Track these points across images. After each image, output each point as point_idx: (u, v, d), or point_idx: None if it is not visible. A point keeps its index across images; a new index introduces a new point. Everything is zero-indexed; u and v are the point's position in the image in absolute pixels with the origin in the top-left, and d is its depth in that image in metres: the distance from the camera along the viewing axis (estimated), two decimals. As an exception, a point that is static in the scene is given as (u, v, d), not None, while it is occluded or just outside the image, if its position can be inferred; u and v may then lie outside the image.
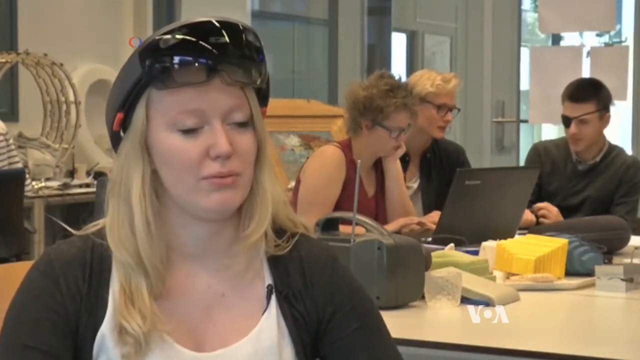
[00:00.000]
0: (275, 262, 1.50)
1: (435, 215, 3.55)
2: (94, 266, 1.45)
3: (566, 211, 4.06)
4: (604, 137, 4.21)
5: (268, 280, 1.49)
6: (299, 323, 1.49)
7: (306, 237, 1.55)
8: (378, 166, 3.77)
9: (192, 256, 1.48)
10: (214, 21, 1.42)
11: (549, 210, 3.93)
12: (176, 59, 1.39)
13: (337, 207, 3.57)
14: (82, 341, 1.43)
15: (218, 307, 1.47)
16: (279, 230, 1.51)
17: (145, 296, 1.42)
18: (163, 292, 1.44)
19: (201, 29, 1.41)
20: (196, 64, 1.39)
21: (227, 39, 1.41)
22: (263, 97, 1.49)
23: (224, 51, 1.40)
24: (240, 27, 1.43)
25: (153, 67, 1.39)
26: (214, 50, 1.39)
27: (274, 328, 1.47)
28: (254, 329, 1.46)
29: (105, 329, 1.42)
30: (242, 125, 1.43)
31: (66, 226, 1.55)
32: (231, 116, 1.42)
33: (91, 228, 1.48)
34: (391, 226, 3.57)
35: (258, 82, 1.44)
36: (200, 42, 1.40)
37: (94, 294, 1.44)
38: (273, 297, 1.48)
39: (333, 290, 1.51)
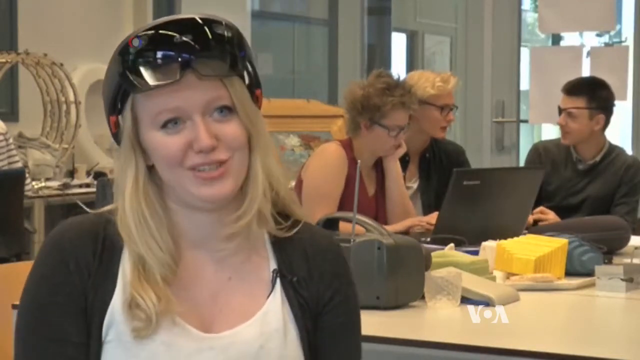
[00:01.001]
0: (279, 247, 1.53)
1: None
2: (106, 242, 1.47)
3: (566, 211, 4.06)
4: (604, 137, 4.21)
5: (273, 264, 1.52)
6: (304, 309, 1.52)
7: (309, 225, 1.58)
8: (379, 166, 3.77)
9: (198, 243, 1.50)
10: (180, 18, 1.44)
11: (546, 217, 3.92)
12: (147, 60, 1.42)
13: (339, 205, 3.57)
14: (90, 316, 1.44)
15: (225, 291, 1.50)
16: (282, 215, 1.53)
17: (159, 278, 1.44)
18: (174, 280, 1.47)
19: (167, 28, 1.43)
20: (167, 62, 1.41)
21: (194, 33, 1.42)
22: (254, 79, 1.49)
23: (194, 45, 1.42)
24: (210, 20, 1.45)
25: (126, 73, 1.43)
26: (182, 46, 1.41)
27: (279, 311, 1.49)
28: (260, 311, 1.49)
29: (116, 304, 1.44)
30: (225, 115, 1.45)
31: (84, 206, 1.58)
32: (211, 108, 1.44)
33: (105, 209, 1.51)
34: (398, 226, 3.57)
35: (229, 71, 1.44)
36: (169, 39, 1.42)
37: (104, 269, 1.46)
38: (278, 282, 1.51)
39: (333, 276, 1.55)
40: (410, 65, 8.28)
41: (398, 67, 8.01)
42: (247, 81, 1.48)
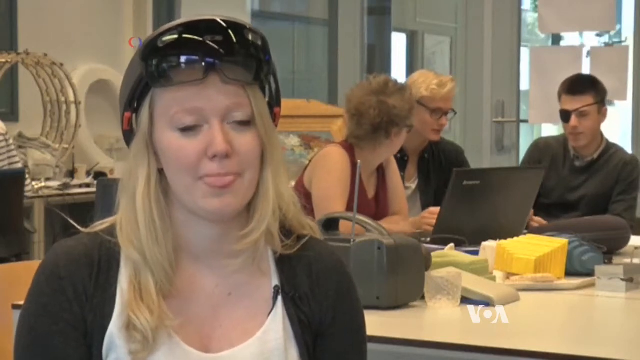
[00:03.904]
0: (283, 263, 1.50)
1: (435, 210, 3.55)
2: (102, 264, 1.45)
3: (564, 208, 4.06)
4: (601, 134, 4.21)
5: (275, 281, 1.49)
6: (304, 325, 1.49)
7: (315, 239, 1.55)
8: (379, 169, 3.76)
9: (200, 256, 1.48)
10: (211, 19, 1.42)
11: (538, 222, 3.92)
12: (172, 58, 1.40)
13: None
14: (90, 340, 1.43)
15: (225, 307, 1.47)
16: (287, 232, 1.51)
17: (153, 293, 1.42)
18: (172, 291, 1.45)
19: (198, 28, 1.41)
20: (192, 63, 1.39)
21: (223, 37, 1.40)
22: (275, 96, 1.48)
23: (221, 49, 1.40)
24: (239, 25, 1.43)
25: (151, 66, 1.40)
26: (210, 49, 1.39)
27: (280, 329, 1.47)
28: (260, 330, 1.47)
29: (114, 327, 1.42)
30: (243, 125, 1.42)
31: (74, 223, 1.55)
32: (231, 115, 1.41)
33: (99, 226, 1.49)
34: (407, 227, 3.59)
35: (255, 79, 1.43)
36: (197, 40, 1.40)
37: (101, 293, 1.44)
38: (279, 298, 1.48)
39: (337, 296, 1.52)
40: (410, 66, 8.27)
41: (398, 67, 8.01)
42: (267, 96, 1.46)
